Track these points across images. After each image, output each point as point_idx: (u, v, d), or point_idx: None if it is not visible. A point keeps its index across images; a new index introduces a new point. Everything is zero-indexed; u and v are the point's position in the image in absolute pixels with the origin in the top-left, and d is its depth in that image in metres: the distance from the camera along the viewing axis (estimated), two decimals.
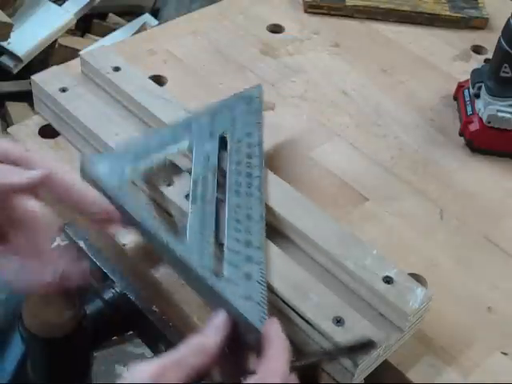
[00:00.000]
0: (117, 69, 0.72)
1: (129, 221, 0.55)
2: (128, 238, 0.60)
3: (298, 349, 0.54)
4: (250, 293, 0.50)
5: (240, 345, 0.49)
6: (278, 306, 0.54)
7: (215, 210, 0.56)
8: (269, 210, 0.59)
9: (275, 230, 0.59)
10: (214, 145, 0.61)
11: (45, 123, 0.72)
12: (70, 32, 1.94)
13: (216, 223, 0.55)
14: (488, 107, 0.73)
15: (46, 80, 0.71)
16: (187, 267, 0.52)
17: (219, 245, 0.54)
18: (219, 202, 0.57)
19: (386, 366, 0.54)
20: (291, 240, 0.59)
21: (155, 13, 2.13)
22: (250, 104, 0.66)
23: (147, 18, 2.06)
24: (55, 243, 0.67)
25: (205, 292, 0.52)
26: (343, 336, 0.50)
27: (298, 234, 0.58)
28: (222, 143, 0.62)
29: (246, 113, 0.65)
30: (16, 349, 0.75)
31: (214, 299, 0.51)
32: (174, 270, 0.56)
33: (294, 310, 0.53)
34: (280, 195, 0.60)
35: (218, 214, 0.56)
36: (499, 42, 0.72)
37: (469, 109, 0.76)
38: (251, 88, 0.69)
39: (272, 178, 0.62)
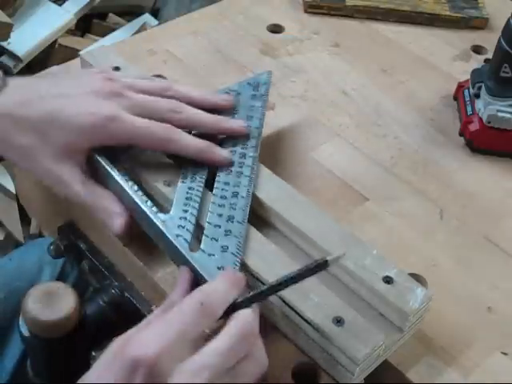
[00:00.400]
0: (117, 69, 0.71)
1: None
2: (128, 239, 0.61)
3: (298, 349, 0.54)
4: (224, 263, 0.52)
5: None
6: (277, 305, 0.54)
7: (203, 188, 0.58)
8: (268, 209, 0.59)
9: (275, 230, 0.59)
10: None
11: None
12: (70, 32, 1.94)
13: (201, 200, 0.57)
14: (488, 107, 0.73)
15: None
16: (165, 238, 0.54)
17: (201, 220, 0.56)
18: (209, 181, 0.59)
19: (386, 366, 0.54)
20: (291, 240, 0.59)
21: (155, 13, 2.13)
22: (257, 89, 0.68)
23: (147, 18, 2.06)
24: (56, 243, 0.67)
25: (182, 264, 0.54)
26: (343, 336, 0.50)
27: (298, 234, 0.58)
28: None
29: (251, 98, 0.67)
30: (15, 348, 0.75)
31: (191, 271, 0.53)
32: (155, 241, 0.57)
33: (293, 309, 0.53)
34: (279, 195, 0.60)
35: (205, 193, 0.58)
36: (499, 42, 0.72)
37: (469, 109, 0.76)
38: (260, 74, 0.71)
39: (271, 177, 0.62)
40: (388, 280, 0.54)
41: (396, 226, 0.65)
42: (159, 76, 0.78)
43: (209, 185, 0.59)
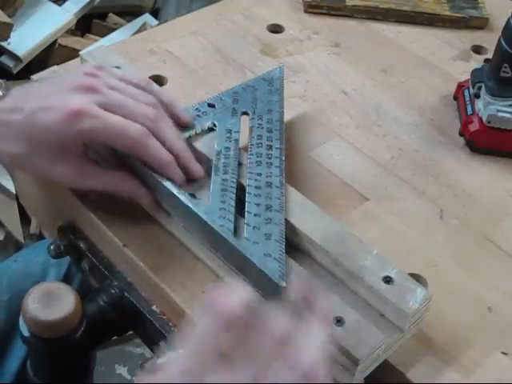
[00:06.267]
0: (117, 69, 0.72)
1: (149, 183, 0.59)
2: (128, 239, 0.61)
3: None
4: (269, 251, 0.53)
5: None
6: None
7: (236, 178, 0.59)
8: None
9: None
10: (236, 121, 0.65)
11: None
12: (70, 32, 1.94)
13: (237, 190, 0.58)
14: (488, 107, 0.73)
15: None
16: (209, 229, 0.55)
17: (240, 209, 0.57)
18: (240, 172, 0.60)
19: (386, 365, 0.54)
20: (290, 239, 0.59)
21: (155, 13, 2.13)
22: (272, 84, 0.70)
23: (147, 17, 2.06)
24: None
25: (226, 252, 0.55)
26: (343, 336, 0.50)
27: (297, 234, 0.58)
28: (244, 120, 0.66)
29: (268, 92, 0.69)
30: (20, 348, 0.75)
31: (235, 259, 0.54)
32: (193, 233, 0.58)
33: None
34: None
35: (239, 183, 0.59)
36: (499, 41, 0.72)
37: (469, 109, 0.76)
38: (273, 69, 0.72)
39: None
40: (388, 280, 0.54)
41: (396, 226, 0.65)
42: (159, 76, 0.78)
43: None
